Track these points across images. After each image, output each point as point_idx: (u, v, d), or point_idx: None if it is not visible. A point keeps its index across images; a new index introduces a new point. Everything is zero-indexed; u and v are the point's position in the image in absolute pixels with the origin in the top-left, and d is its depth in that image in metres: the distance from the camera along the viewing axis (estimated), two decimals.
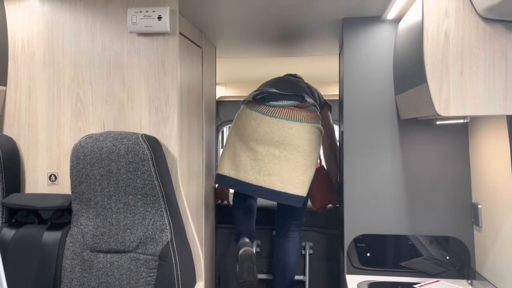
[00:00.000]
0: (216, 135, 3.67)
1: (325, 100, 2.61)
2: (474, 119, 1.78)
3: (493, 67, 1.33)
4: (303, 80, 2.69)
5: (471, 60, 1.34)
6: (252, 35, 2.41)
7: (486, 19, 1.33)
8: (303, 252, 2.72)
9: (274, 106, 2.17)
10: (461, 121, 1.47)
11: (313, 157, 2.17)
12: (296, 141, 2.13)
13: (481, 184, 1.78)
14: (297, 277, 2.69)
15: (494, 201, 1.65)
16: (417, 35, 1.44)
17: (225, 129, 5.47)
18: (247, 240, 2.28)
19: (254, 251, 2.30)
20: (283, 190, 2.11)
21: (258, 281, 2.68)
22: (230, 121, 4.08)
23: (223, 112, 4.02)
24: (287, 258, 2.38)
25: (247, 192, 2.22)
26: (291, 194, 2.10)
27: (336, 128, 2.81)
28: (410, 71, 1.61)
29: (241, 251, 2.20)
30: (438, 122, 1.67)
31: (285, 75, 2.68)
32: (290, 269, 2.39)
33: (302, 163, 2.13)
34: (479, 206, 1.77)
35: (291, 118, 2.15)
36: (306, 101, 2.21)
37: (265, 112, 2.17)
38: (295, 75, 2.72)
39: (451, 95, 1.34)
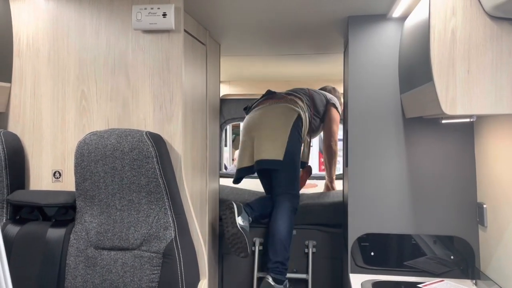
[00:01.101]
0: (220, 133, 3.67)
1: (329, 98, 2.95)
2: (480, 118, 1.77)
3: (500, 66, 1.32)
4: (326, 88, 3.19)
5: (478, 59, 1.33)
6: (257, 33, 2.40)
7: (494, 17, 1.32)
8: (306, 250, 2.72)
9: (255, 107, 2.69)
10: (467, 120, 1.46)
11: (283, 128, 2.49)
12: (265, 120, 2.54)
13: (486, 184, 1.77)
14: (300, 276, 2.69)
15: (499, 200, 1.65)
16: (424, 33, 1.43)
17: (229, 127, 5.48)
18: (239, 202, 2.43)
19: (243, 210, 2.42)
20: (260, 158, 2.45)
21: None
22: (233, 119, 4.08)
23: (226, 110, 4.02)
24: (275, 225, 2.46)
25: (241, 175, 2.61)
26: (267, 159, 2.44)
27: (340, 126, 2.91)
28: (416, 70, 1.60)
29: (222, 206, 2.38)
30: (443, 121, 1.66)
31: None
32: (278, 236, 2.43)
33: (272, 134, 2.48)
34: (484, 206, 1.76)
35: (263, 106, 2.63)
36: (275, 93, 2.70)
37: (250, 113, 2.69)
38: (325, 88, 3.21)
39: (457, 94, 1.34)
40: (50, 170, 1.79)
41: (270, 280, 2.36)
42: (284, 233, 2.43)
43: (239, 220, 2.35)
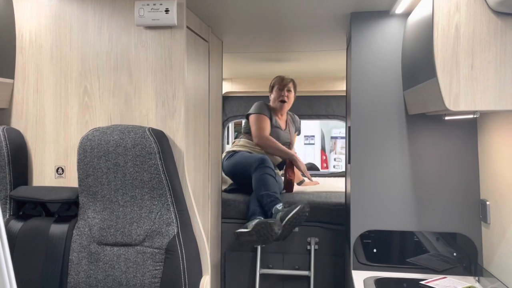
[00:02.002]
0: (222, 130, 3.67)
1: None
2: (484, 114, 1.76)
3: (504, 62, 1.31)
4: None
5: (482, 55, 1.32)
6: (259, 30, 2.40)
7: (498, 13, 1.31)
8: (308, 247, 2.72)
9: None
10: (471, 116, 1.45)
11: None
12: None
13: (489, 181, 1.76)
14: (302, 273, 2.70)
15: (502, 197, 1.64)
16: (427, 29, 1.42)
17: (231, 125, 5.48)
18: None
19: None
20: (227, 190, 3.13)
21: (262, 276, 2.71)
22: (235, 117, 4.08)
23: (229, 107, 4.02)
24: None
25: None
26: (230, 188, 3.17)
27: (337, 123, 2.92)
28: (419, 66, 1.59)
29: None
30: (446, 118, 1.65)
31: None
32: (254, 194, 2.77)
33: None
34: (488, 203, 1.76)
35: None
36: None
37: None
38: None
39: (461, 90, 1.33)
40: (53, 166, 1.80)
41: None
42: (255, 190, 2.74)
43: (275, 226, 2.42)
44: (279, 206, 2.54)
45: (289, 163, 3.10)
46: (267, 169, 2.75)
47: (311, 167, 4.69)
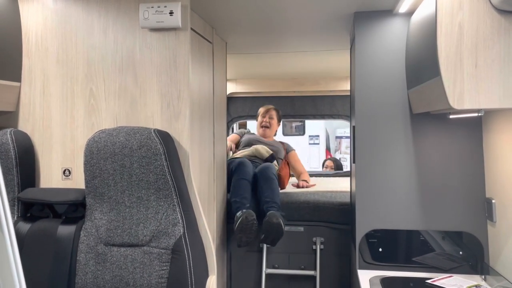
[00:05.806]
0: (227, 131, 3.68)
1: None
2: (488, 112, 1.76)
3: (508, 59, 1.31)
4: None
5: (485, 53, 1.32)
6: (263, 30, 2.40)
7: (501, 11, 1.31)
8: (314, 247, 2.73)
9: None
10: (475, 114, 1.45)
11: None
12: None
13: (495, 179, 1.76)
14: (307, 272, 2.70)
15: (508, 196, 1.64)
16: (431, 28, 1.43)
17: (235, 126, 5.48)
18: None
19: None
20: None
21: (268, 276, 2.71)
22: (240, 117, 4.09)
23: (233, 108, 4.02)
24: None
25: None
26: None
27: (341, 122, 2.91)
28: (423, 65, 1.59)
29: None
30: (451, 116, 1.65)
31: None
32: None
33: None
34: (493, 201, 1.75)
35: None
36: None
37: None
38: None
39: (465, 88, 1.33)
40: (60, 168, 1.81)
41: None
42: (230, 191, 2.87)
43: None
44: (239, 213, 2.57)
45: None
46: (241, 173, 2.86)
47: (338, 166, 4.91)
